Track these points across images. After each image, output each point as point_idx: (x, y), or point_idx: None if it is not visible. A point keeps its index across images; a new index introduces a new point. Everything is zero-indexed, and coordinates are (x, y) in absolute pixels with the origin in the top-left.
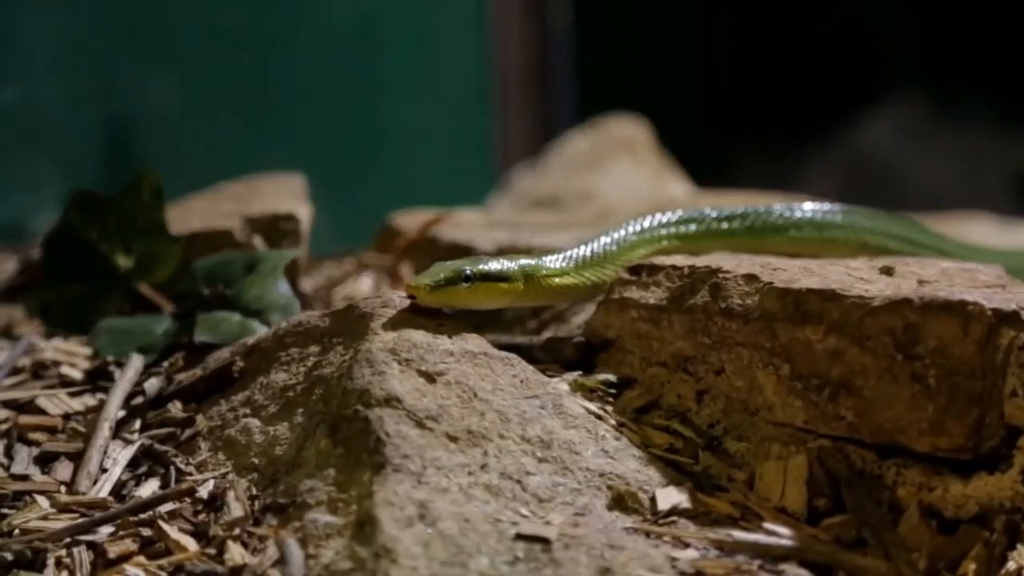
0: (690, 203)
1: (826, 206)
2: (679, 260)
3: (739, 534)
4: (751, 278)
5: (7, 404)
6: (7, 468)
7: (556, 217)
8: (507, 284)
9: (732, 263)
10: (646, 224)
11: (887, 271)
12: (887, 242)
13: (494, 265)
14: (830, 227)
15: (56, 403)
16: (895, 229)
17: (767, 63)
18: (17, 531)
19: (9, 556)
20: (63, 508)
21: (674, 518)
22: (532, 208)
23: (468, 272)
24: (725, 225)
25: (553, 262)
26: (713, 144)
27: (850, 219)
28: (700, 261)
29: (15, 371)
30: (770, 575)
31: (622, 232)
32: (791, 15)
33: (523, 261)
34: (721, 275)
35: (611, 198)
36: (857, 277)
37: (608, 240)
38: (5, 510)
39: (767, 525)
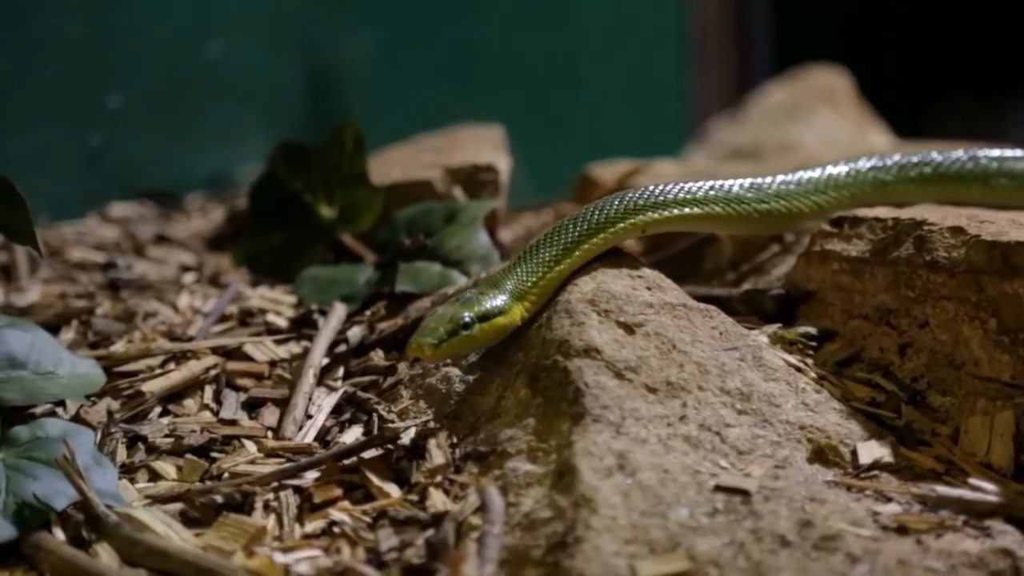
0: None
1: None
2: (882, 212)
3: (943, 489)
4: (957, 231)
5: (216, 350)
6: (216, 413)
7: (755, 168)
8: (505, 317)
9: (938, 215)
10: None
11: None
12: None
13: (487, 303)
14: None
15: (262, 350)
16: None
17: (972, 8)
18: (226, 474)
19: (219, 499)
20: (270, 453)
21: (876, 472)
22: (730, 159)
23: (467, 319)
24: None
25: (535, 266)
26: (915, 94)
27: None
28: (904, 213)
29: (223, 318)
30: (975, 531)
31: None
32: None
33: (509, 285)
34: (926, 227)
35: (811, 149)
36: None
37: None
38: (215, 454)
39: (972, 480)
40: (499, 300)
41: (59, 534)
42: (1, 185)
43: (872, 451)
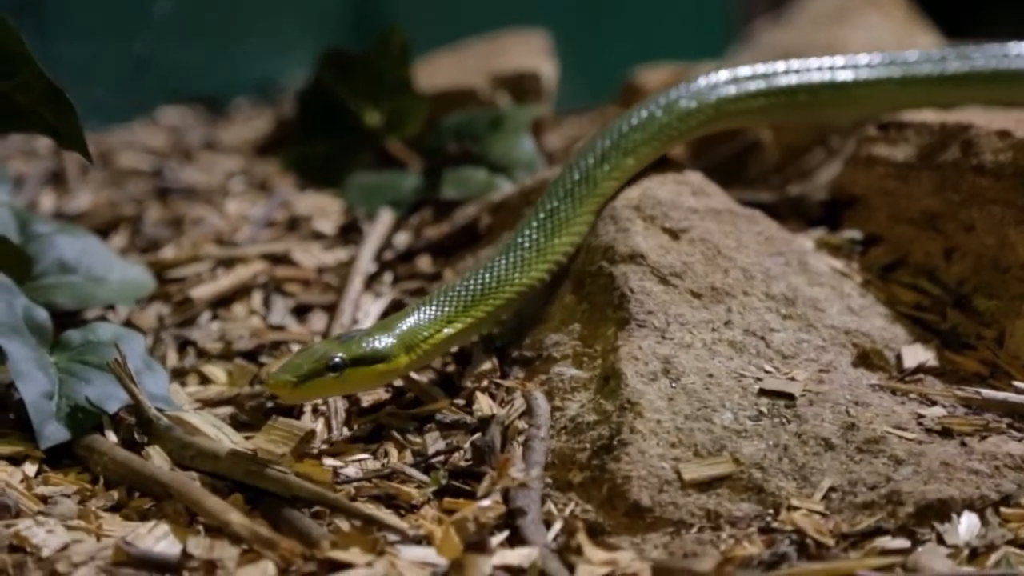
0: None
1: None
2: (929, 116)
3: (988, 392)
4: (1004, 134)
5: (264, 256)
6: (265, 318)
7: None
8: (385, 365)
9: (984, 119)
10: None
11: None
12: None
13: (368, 345)
14: None
15: (310, 256)
16: None
17: None
18: None
19: (269, 403)
20: None
21: (920, 375)
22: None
23: (337, 360)
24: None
25: (433, 312)
26: None
27: None
28: (951, 117)
29: (271, 224)
30: (1019, 433)
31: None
32: None
33: (400, 328)
34: (973, 131)
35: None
36: None
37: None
38: (264, 358)
39: (1017, 383)
40: (383, 344)
41: (111, 437)
42: (51, 91)
43: (917, 355)
